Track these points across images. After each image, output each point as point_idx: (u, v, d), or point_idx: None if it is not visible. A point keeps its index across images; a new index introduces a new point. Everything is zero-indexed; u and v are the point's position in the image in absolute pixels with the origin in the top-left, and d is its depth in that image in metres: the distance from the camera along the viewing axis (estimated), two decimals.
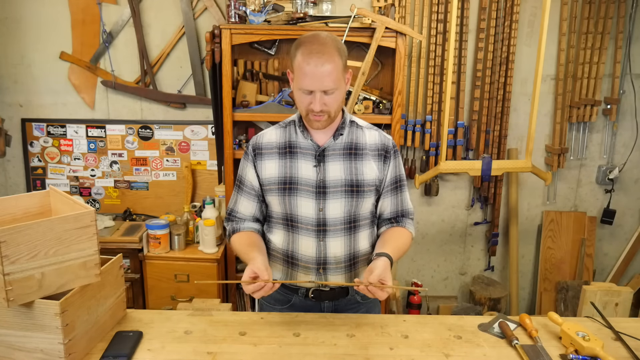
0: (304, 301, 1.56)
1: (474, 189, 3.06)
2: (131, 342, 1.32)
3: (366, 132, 1.53)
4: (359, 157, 1.49)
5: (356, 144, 1.50)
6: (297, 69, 1.37)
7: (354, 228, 1.51)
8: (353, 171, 1.48)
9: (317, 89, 1.35)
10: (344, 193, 1.47)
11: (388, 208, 1.56)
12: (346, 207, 1.48)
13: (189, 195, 2.93)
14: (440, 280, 3.26)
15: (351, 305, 1.58)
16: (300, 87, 1.37)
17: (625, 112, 2.96)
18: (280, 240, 1.54)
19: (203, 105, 2.89)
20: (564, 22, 2.80)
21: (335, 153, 1.48)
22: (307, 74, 1.34)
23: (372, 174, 1.49)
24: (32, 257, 1.18)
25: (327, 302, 1.55)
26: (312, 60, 1.33)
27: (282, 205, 1.50)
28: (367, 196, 1.49)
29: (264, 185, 1.52)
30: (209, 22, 2.76)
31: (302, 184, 1.47)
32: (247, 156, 1.54)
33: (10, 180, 3.05)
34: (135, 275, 2.65)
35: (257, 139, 1.54)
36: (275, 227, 1.56)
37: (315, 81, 1.34)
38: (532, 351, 1.31)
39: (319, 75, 1.33)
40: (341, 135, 1.49)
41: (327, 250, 1.50)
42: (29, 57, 2.86)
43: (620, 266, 3.11)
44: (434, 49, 2.77)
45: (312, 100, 1.37)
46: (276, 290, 1.54)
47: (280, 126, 1.55)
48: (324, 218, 1.48)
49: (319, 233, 1.49)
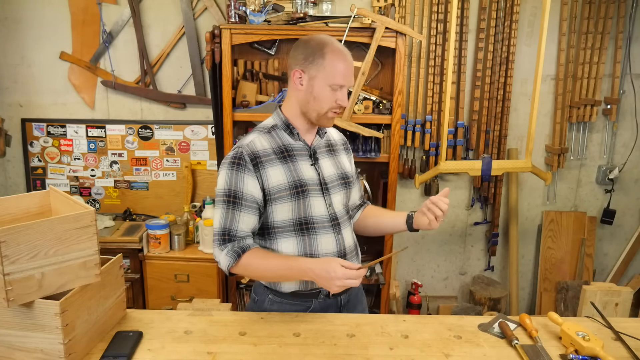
0: (324, 302, 1.54)
1: (474, 189, 3.06)
2: (131, 342, 1.32)
3: (329, 129, 1.65)
4: (336, 152, 1.62)
5: (331, 141, 1.63)
6: (328, 66, 1.42)
7: (350, 217, 1.63)
8: (339, 166, 1.59)
9: (349, 84, 1.46)
10: (341, 186, 1.56)
11: (357, 194, 1.70)
12: (344, 199, 1.58)
13: (189, 195, 2.93)
14: (440, 280, 3.26)
15: (356, 292, 1.65)
16: (333, 82, 1.43)
17: (625, 112, 2.96)
18: (292, 248, 1.48)
19: (203, 105, 2.89)
20: (564, 22, 2.80)
21: (322, 151, 1.57)
22: (342, 70, 1.42)
23: (349, 166, 1.63)
24: (32, 257, 1.18)
25: (342, 296, 1.58)
26: (345, 57, 1.44)
27: (295, 210, 1.46)
28: (353, 186, 1.63)
29: (272, 194, 1.43)
30: (209, 22, 2.76)
31: (310, 184, 1.48)
32: (241, 167, 1.41)
33: (10, 180, 3.05)
34: (135, 275, 2.65)
35: (250, 148, 1.43)
36: (282, 236, 1.48)
37: (348, 77, 1.45)
38: (532, 351, 1.31)
39: (351, 71, 1.45)
40: (325, 134, 1.60)
41: (345, 242, 1.54)
42: (29, 57, 2.86)
43: (620, 266, 3.11)
44: (434, 49, 2.77)
45: (341, 96, 1.45)
46: (288, 303, 1.53)
47: (262, 132, 1.50)
48: (333, 212, 1.52)
49: (335, 228, 1.52)
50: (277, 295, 1.53)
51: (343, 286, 1.33)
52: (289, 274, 1.42)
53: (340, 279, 1.31)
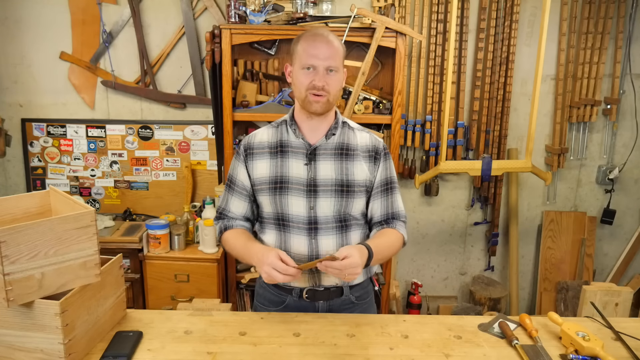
0: (298, 302, 1.55)
1: (474, 189, 3.06)
2: (131, 342, 1.32)
3: (357, 133, 1.56)
4: (350, 157, 1.51)
5: (347, 145, 1.52)
6: (300, 51, 1.43)
7: (345, 227, 1.52)
8: (344, 171, 1.50)
9: (321, 65, 1.41)
10: (334, 192, 1.49)
11: (378, 211, 1.56)
12: (336, 206, 1.49)
13: (189, 195, 2.93)
14: (440, 280, 3.26)
15: (346, 305, 1.57)
16: (304, 64, 1.42)
17: (625, 112, 2.96)
18: (272, 240, 1.54)
19: (203, 105, 2.89)
20: (564, 22, 2.80)
21: (327, 152, 1.50)
22: (311, 52, 1.41)
23: (362, 175, 1.51)
24: (32, 257, 1.18)
25: (321, 302, 1.55)
26: (316, 40, 1.42)
27: (273, 204, 1.51)
28: (357, 196, 1.51)
29: (255, 185, 1.53)
30: (209, 22, 2.76)
31: (293, 182, 1.48)
32: (238, 156, 1.56)
33: (10, 180, 3.05)
34: (135, 275, 2.64)
35: (248, 139, 1.56)
36: (267, 227, 1.56)
37: (320, 57, 1.41)
38: (532, 351, 1.31)
39: (324, 51, 1.41)
40: (333, 135, 1.52)
41: (319, 248, 1.50)
42: (29, 57, 2.86)
43: (620, 266, 3.11)
44: (434, 49, 2.77)
45: (315, 76, 1.42)
46: (270, 291, 1.58)
47: (272, 126, 1.57)
48: (315, 216, 1.49)
49: (311, 231, 1.49)
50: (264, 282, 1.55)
51: (269, 275, 1.33)
52: (246, 254, 1.49)
53: (268, 266, 1.33)
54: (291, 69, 1.48)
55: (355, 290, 1.58)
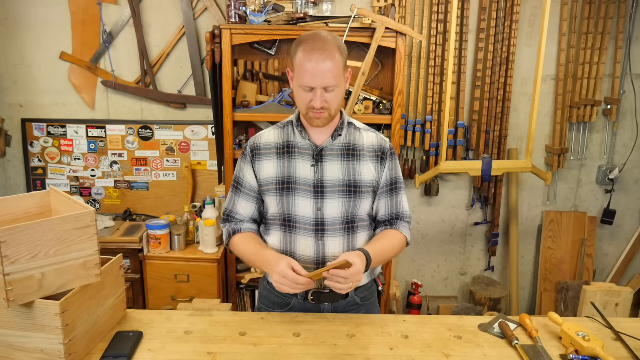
0: (302, 304, 1.55)
1: (474, 189, 3.06)
2: (131, 342, 1.32)
3: (363, 133, 1.55)
4: (357, 157, 1.51)
5: (354, 145, 1.52)
6: (297, 66, 1.38)
7: (352, 228, 1.52)
8: (350, 172, 1.49)
9: (318, 85, 1.37)
10: (341, 193, 1.48)
11: (382, 210, 1.56)
12: (344, 207, 1.48)
13: (189, 195, 2.93)
14: (440, 280, 3.26)
15: (350, 306, 1.57)
16: (301, 84, 1.38)
17: (625, 112, 2.96)
18: (277, 241, 1.53)
19: (203, 105, 2.89)
20: (564, 22, 2.80)
21: (333, 153, 1.50)
22: (308, 71, 1.35)
23: (369, 175, 1.51)
24: (32, 257, 1.18)
25: (326, 304, 1.55)
26: (313, 56, 1.35)
27: (279, 205, 1.50)
28: (364, 197, 1.50)
29: (262, 185, 1.52)
30: (209, 22, 2.76)
31: (300, 183, 1.48)
32: (244, 157, 1.54)
33: (10, 180, 3.05)
34: (135, 275, 2.65)
35: (255, 140, 1.55)
36: (272, 228, 1.55)
37: (316, 78, 1.36)
38: (532, 351, 1.31)
39: (320, 71, 1.35)
40: (339, 136, 1.51)
41: (326, 249, 1.49)
42: (29, 57, 2.86)
43: (620, 266, 3.11)
44: (434, 49, 2.77)
45: (313, 97, 1.39)
46: (273, 293, 1.57)
47: (278, 126, 1.56)
48: (322, 217, 1.48)
49: (317, 232, 1.49)
50: (269, 283, 1.56)
51: (278, 284, 1.34)
52: (256, 260, 1.49)
53: (279, 275, 1.33)
54: (292, 74, 1.45)
55: (360, 292, 1.58)
